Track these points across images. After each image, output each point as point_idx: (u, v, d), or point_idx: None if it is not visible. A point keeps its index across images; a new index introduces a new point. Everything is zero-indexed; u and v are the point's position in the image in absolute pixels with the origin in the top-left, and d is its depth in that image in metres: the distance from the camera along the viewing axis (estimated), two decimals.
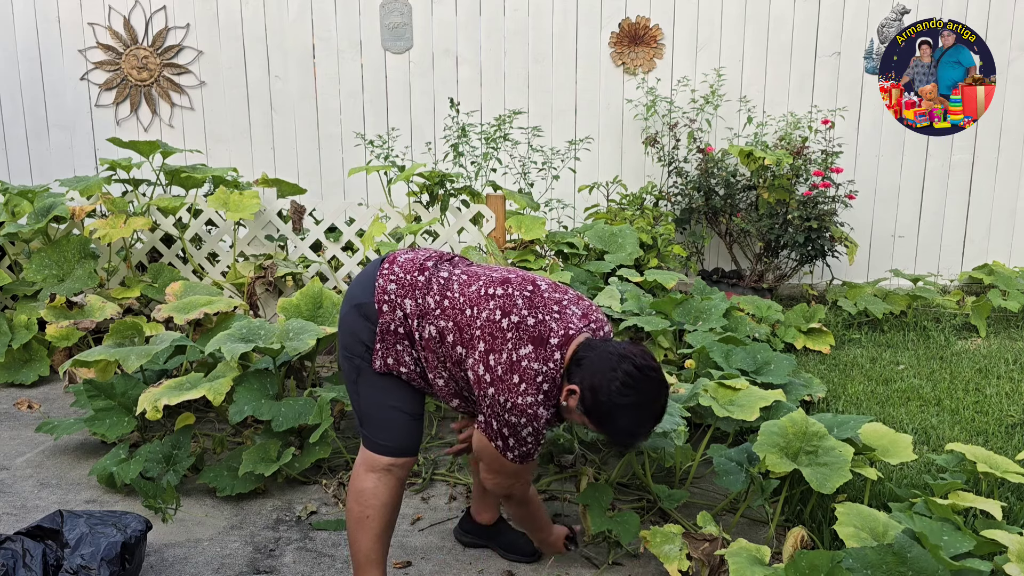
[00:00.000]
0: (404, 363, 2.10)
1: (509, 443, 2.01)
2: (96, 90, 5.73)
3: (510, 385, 1.96)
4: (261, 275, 4.38)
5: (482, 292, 2.05)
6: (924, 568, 1.91)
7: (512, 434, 2.00)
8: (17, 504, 2.89)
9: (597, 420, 1.97)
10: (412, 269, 2.13)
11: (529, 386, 1.95)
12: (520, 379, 1.95)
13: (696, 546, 2.32)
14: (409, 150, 5.79)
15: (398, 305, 2.08)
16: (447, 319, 2.05)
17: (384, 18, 5.65)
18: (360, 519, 2.13)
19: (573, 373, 1.98)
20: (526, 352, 1.96)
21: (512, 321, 1.99)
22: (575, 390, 1.96)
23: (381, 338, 2.09)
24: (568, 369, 1.99)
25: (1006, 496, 2.70)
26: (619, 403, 1.92)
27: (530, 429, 1.99)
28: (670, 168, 5.54)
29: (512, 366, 1.96)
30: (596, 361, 1.94)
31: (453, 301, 2.06)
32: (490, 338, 1.99)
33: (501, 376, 1.96)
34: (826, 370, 4.23)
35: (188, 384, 3.08)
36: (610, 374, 1.92)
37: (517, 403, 1.96)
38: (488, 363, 1.98)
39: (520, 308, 2.01)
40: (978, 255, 5.91)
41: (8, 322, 4.21)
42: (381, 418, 2.12)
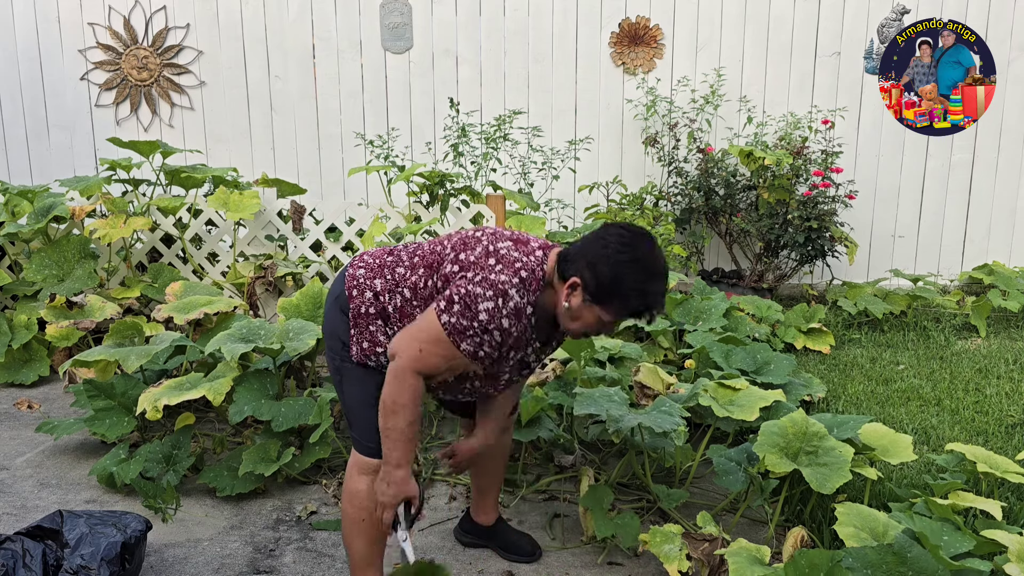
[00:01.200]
0: (379, 343, 2.04)
1: (454, 308, 1.89)
2: (96, 90, 5.73)
3: (485, 265, 1.91)
4: (261, 275, 4.38)
5: (450, 235, 2.08)
6: (924, 568, 1.91)
7: (465, 302, 1.88)
8: (17, 504, 2.89)
9: (607, 293, 1.87)
10: (381, 254, 2.13)
11: (506, 267, 1.91)
12: (497, 261, 1.92)
13: (696, 546, 2.32)
14: (409, 150, 5.79)
15: (367, 287, 2.06)
16: (417, 271, 2.02)
17: (384, 18, 5.64)
18: (355, 522, 2.12)
19: (565, 270, 1.91)
20: (505, 245, 1.96)
21: (487, 233, 2.02)
22: (576, 281, 1.88)
23: (354, 323, 2.05)
24: (558, 271, 1.93)
25: (1006, 496, 2.70)
26: (620, 261, 1.85)
27: (490, 306, 1.88)
28: (670, 168, 5.54)
29: (489, 254, 1.93)
30: (584, 245, 1.91)
31: (422, 254, 2.06)
32: (462, 246, 1.98)
33: (475, 260, 1.92)
34: (826, 370, 4.23)
35: (188, 384, 3.08)
36: (602, 243, 1.88)
37: (488, 278, 1.89)
38: (460, 259, 1.95)
39: (492, 240, 2.01)
40: (978, 255, 5.91)
41: (8, 322, 4.21)
42: (366, 417, 2.06)
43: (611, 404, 2.82)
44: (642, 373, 3.15)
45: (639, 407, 3.02)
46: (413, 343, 1.91)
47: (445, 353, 1.92)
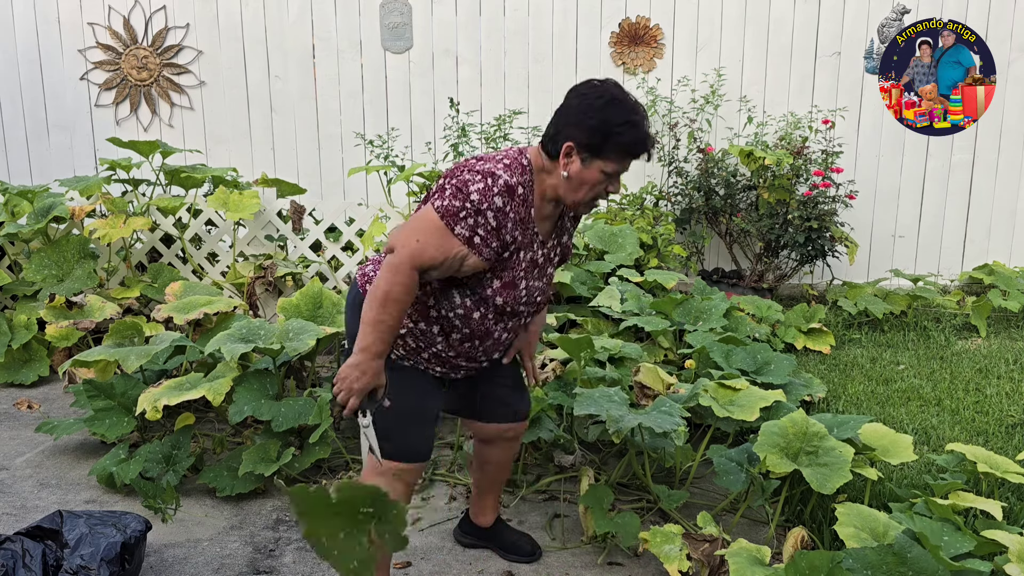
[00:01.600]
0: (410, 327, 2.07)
1: (446, 193, 1.90)
2: (96, 90, 5.73)
3: (468, 164, 1.94)
4: (261, 275, 4.38)
5: None
6: (924, 568, 1.90)
7: (456, 187, 1.89)
8: (17, 504, 2.89)
9: (601, 140, 1.89)
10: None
11: (489, 160, 1.95)
12: (478, 160, 1.95)
13: (696, 546, 2.32)
14: (409, 150, 5.79)
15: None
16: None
17: (384, 18, 5.64)
18: None
19: (554, 146, 1.94)
20: (489, 156, 1.99)
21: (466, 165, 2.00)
22: (570, 145, 1.91)
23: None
24: (545, 154, 1.96)
25: (1006, 496, 2.70)
26: (601, 105, 1.89)
27: (481, 186, 1.87)
28: (670, 168, 5.54)
29: (479, 160, 1.96)
30: (561, 115, 1.94)
31: None
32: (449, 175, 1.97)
33: (458, 166, 1.95)
34: (826, 370, 4.23)
35: (188, 384, 3.08)
36: (577, 101, 1.92)
37: (475, 167, 1.92)
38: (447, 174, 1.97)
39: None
40: (978, 255, 5.91)
41: (8, 322, 4.21)
42: (389, 431, 2.03)
43: (611, 404, 2.82)
44: (642, 373, 3.15)
45: (639, 407, 3.02)
46: (411, 235, 1.89)
47: (441, 242, 1.87)
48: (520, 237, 1.96)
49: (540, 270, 2.09)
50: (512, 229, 1.93)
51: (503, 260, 1.97)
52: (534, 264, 2.05)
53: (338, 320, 3.54)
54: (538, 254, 2.06)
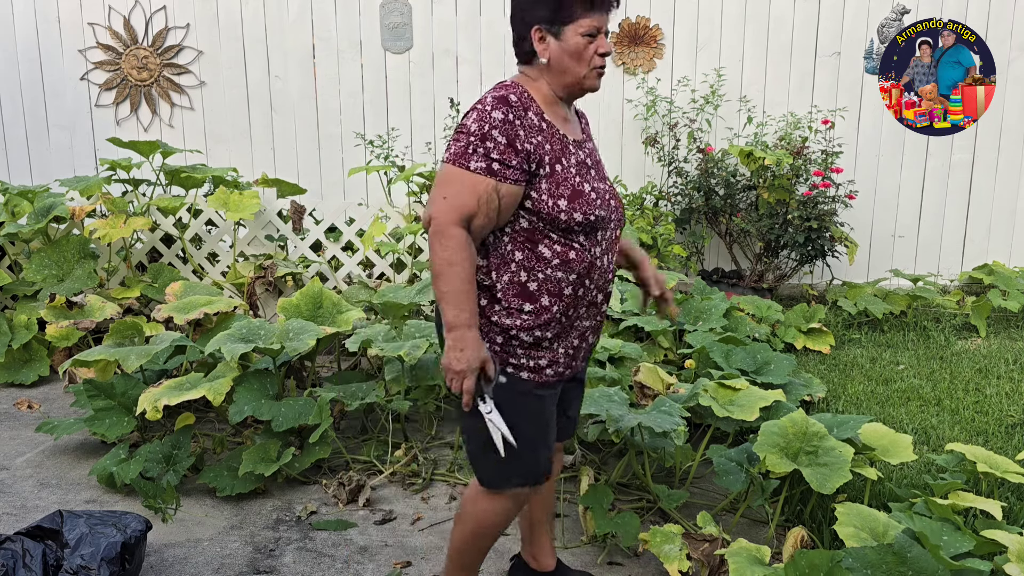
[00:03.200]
0: (495, 311, 1.88)
1: (450, 145, 1.83)
2: (96, 90, 5.73)
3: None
4: (261, 275, 4.38)
5: None
6: (924, 568, 1.91)
7: (455, 135, 1.83)
8: (17, 504, 2.89)
9: (556, 2, 1.84)
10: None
11: (481, 99, 1.86)
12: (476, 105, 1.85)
13: (696, 546, 2.32)
14: (409, 150, 5.79)
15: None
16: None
17: (384, 18, 5.64)
18: (469, 547, 2.03)
19: (524, 45, 1.89)
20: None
21: None
22: (537, 28, 1.85)
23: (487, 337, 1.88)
24: (523, 62, 1.93)
25: (1006, 496, 2.70)
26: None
27: (474, 116, 1.81)
28: (670, 168, 5.54)
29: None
30: (512, 11, 1.88)
31: None
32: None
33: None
34: (826, 370, 4.23)
35: (188, 384, 3.08)
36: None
37: (468, 114, 1.84)
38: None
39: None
40: (978, 255, 5.91)
41: (8, 322, 4.21)
42: (488, 454, 1.88)
43: (611, 404, 2.82)
44: (642, 373, 3.15)
45: (639, 407, 3.02)
46: (437, 198, 1.80)
47: (465, 185, 1.78)
48: (545, 143, 1.84)
49: (595, 171, 1.96)
50: (527, 137, 1.81)
51: (548, 175, 1.83)
52: (584, 166, 1.92)
53: (338, 320, 3.54)
54: (580, 156, 1.93)
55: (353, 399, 3.21)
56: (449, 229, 1.77)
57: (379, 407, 3.53)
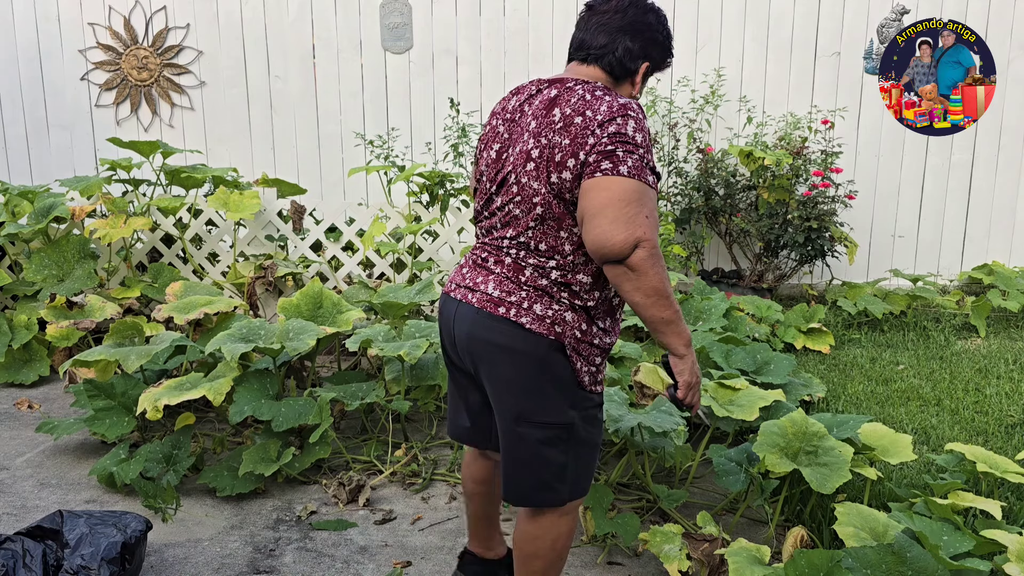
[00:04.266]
0: (594, 335, 1.83)
1: (618, 155, 1.70)
2: (96, 90, 5.73)
3: (594, 109, 1.77)
4: (261, 275, 4.38)
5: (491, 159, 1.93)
6: (924, 568, 1.91)
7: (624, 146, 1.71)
8: (17, 504, 2.89)
9: (661, 57, 1.93)
10: (501, 276, 1.86)
11: (603, 96, 1.78)
12: (597, 98, 1.78)
13: (696, 546, 2.32)
14: (409, 150, 5.79)
15: (548, 316, 1.79)
16: (545, 236, 1.81)
17: (384, 18, 5.65)
18: (555, 560, 1.96)
19: (631, 62, 1.89)
20: (588, 92, 1.82)
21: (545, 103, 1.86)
22: (648, 65, 1.91)
23: (576, 353, 1.81)
24: (612, 76, 1.90)
25: (1006, 496, 2.71)
26: (666, 23, 1.94)
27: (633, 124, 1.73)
28: (670, 168, 5.54)
29: (593, 99, 1.80)
30: (635, 29, 1.87)
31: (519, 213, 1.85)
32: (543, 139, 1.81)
33: (583, 116, 1.76)
34: (826, 370, 4.23)
35: (188, 384, 3.08)
36: (654, 15, 1.91)
37: (606, 108, 1.75)
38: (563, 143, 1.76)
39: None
40: (978, 255, 5.91)
41: (8, 322, 4.21)
42: (593, 462, 1.90)
43: (611, 404, 2.83)
44: (642, 373, 3.15)
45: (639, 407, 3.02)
46: (638, 219, 1.66)
47: (653, 202, 1.71)
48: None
49: None
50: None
51: None
52: None
53: (338, 320, 3.54)
54: None
55: (353, 399, 3.21)
56: (659, 249, 1.69)
57: (379, 407, 3.53)
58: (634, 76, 1.90)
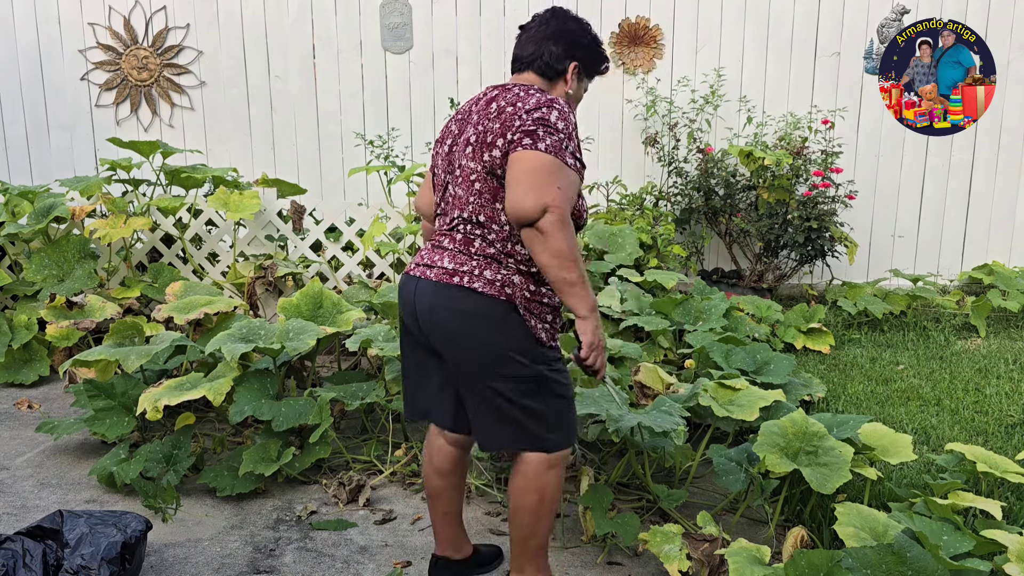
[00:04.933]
0: (543, 295, 2.02)
1: (538, 134, 1.91)
2: (96, 90, 5.73)
3: (522, 101, 1.99)
4: (261, 275, 4.38)
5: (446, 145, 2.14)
6: (924, 568, 1.91)
7: (544, 127, 1.92)
8: (17, 504, 2.90)
9: (592, 61, 2.16)
10: (454, 250, 2.03)
11: (532, 94, 2.00)
12: (524, 96, 2.00)
13: (696, 546, 2.32)
14: (409, 150, 5.79)
15: (498, 280, 1.98)
16: (484, 208, 2.01)
17: (384, 18, 5.65)
18: (549, 512, 2.13)
19: (555, 66, 2.11)
20: (518, 91, 2.03)
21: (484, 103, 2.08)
22: (576, 65, 2.12)
23: (528, 312, 1.99)
24: (544, 76, 2.12)
25: (1006, 496, 2.71)
26: (590, 29, 2.17)
27: (556, 113, 1.95)
28: (670, 168, 5.54)
29: (519, 97, 2.01)
30: (559, 34, 2.10)
31: (459, 196, 2.06)
32: (481, 129, 2.03)
33: (511, 109, 1.98)
34: (826, 370, 4.23)
35: (188, 384, 3.08)
36: (575, 23, 2.14)
37: (533, 103, 1.96)
38: (493, 127, 1.99)
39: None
40: (978, 255, 5.91)
41: (8, 322, 4.21)
42: (570, 413, 2.09)
43: (611, 404, 2.82)
44: (642, 373, 3.15)
45: (639, 407, 3.02)
46: (548, 188, 1.86)
47: (568, 178, 1.91)
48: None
49: None
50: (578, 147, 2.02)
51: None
52: None
53: (338, 320, 3.54)
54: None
55: (353, 399, 3.22)
56: (568, 217, 1.87)
57: (379, 407, 3.53)
58: (564, 75, 2.13)
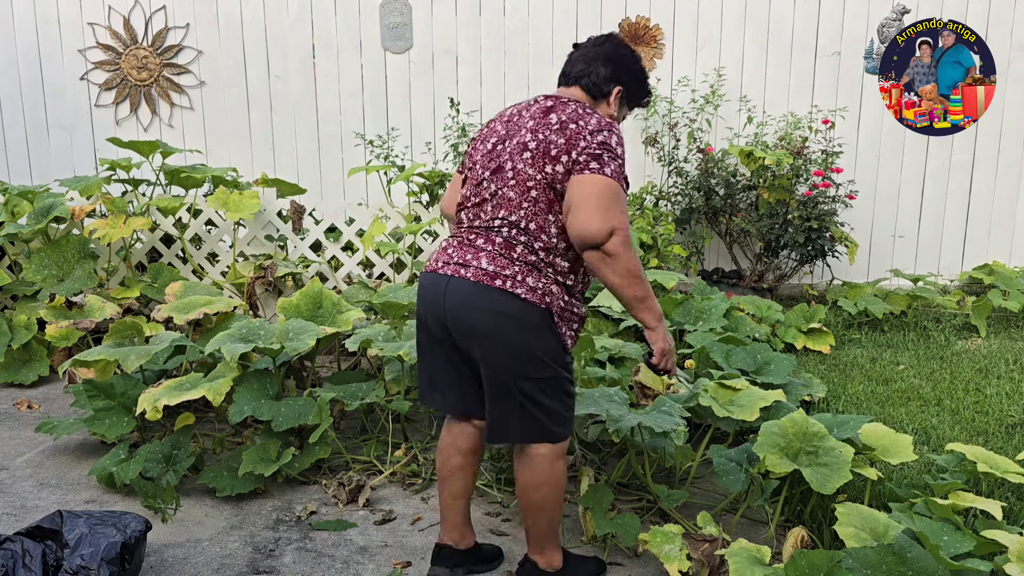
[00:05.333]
0: (575, 313, 2.15)
1: (604, 158, 2.05)
2: (96, 90, 5.73)
3: (585, 120, 2.10)
4: (261, 275, 4.38)
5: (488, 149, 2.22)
6: (924, 568, 1.91)
7: (607, 152, 2.06)
8: (17, 504, 2.89)
9: (637, 89, 2.27)
10: (494, 253, 2.11)
11: (591, 113, 2.13)
12: (584, 114, 2.11)
13: (696, 546, 2.32)
14: (409, 150, 5.79)
15: (539, 288, 2.08)
16: (535, 217, 2.09)
17: (384, 18, 5.64)
18: (558, 499, 2.23)
19: (602, 87, 2.22)
20: (577, 109, 2.14)
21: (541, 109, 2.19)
22: (620, 90, 2.23)
23: (561, 320, 2.11)
24: (590, 95, 2.23)
25: (1006, 496, 2.70)
26: (639, 60, 2.27)
27: (616, 138, 2.09)
28: (670, 168, 5.54)
29: (580, 116, 2.12)
30: (610, 58, 2.22)
31: (511, 198, 2.12)
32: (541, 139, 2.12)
33: (576, 125, 2.09)
34: (826, 370, 4.23)
35: (188, 384, 3.07)
36: (627, 49, 2.26)
37: (594, 124, 2.08)
38: (557, 141, 2.09)
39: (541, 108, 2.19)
40: (978, 255, 5.91)
41: (8, 322, 4.21)
42: (572, 405, 2.20)
43: (611, 404, 2.82)
44: (642, 373, 3.14)
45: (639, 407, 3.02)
46: (614, 213, 2.01)
47: (625, 202, 2.07)
48: None
49: None
50: None
51: None
52: None
53: (338, 320, 3.54)
54: None
55: (353, 399, 3.21)
56: (630, 238, 2.06)
57: (379, 407, 3.53)
58: (608, 97, 2.23)
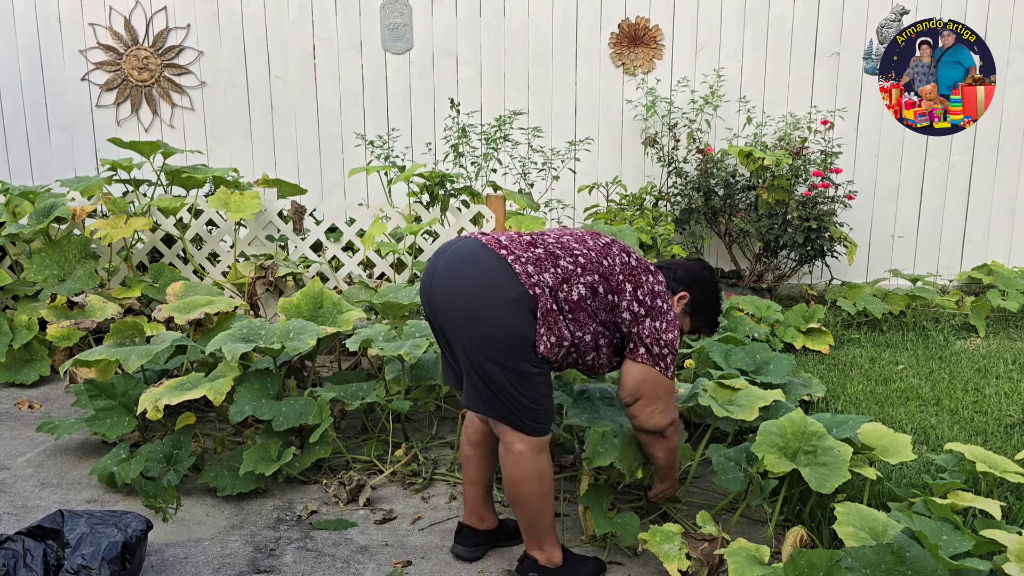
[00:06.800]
0: (565, 337, 2.22)
1: (667, 360, 2.31)
2: (97, 90, 5.74)
3: (659, 310, 2.30)
4: (262, 275, 4.39)
5: (600, 243, 2.33)
6: (923, 568, 1.91)
7: (669, 351, 2.31)
8: (18, 504, 2.90)
9: (703, 306, 2.50)
10: (525, 247, 2.24)
11: (665, 303, 2.33)
12: (661, 302, 2.31)
13: (695, 546, 2.32)
14: (409, 150, 5.79)
15: (541, 282, 2.18)
16: (591, 273, 2.24)
17: (384, 18, 5.65)
18: (546, 493, 2.30)
19: (676, 284, 2.45)
20: (652, 279, 2.33)
21: (634, 258, 2.34)
22: (685, 295, 2.45)
23: (543, 321, 2.17)
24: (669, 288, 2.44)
25: (1005, 496, 2.71)
26: (716, 287, 2.54)
27: (676, 337, 2.32)
28: (670, 168, 5.54)
29: (654, 294, 2.30)
30: (693, 272, 2.49)
31: (587, 257, 2.27)
32: (632, 278, 2.29)
33: (651, 305, 2.29)
34: (825, 370, 4.23)
35: (189, 384, 3.08)
36: (701, 272, 2.51)
37: (669, 320, 2.31)
38: (639, 298, 2.28)
39: (626, 248, 2.37)
40: (977, 255, 5.92)
41: (9, 322, 4.22)
42: (548, 404, 2.27)
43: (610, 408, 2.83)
44: None
45: None
46: (670, 405, 2.39)
47: (672, 390, 2.38)
48: None
49: None
50: None
51: None
52: None
53: (339, 320, 3.54)
54: None
55: (353, 399, 3.22)
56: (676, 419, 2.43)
57: (379, 407, 3.53)
58: (675, 294, 2.46)
